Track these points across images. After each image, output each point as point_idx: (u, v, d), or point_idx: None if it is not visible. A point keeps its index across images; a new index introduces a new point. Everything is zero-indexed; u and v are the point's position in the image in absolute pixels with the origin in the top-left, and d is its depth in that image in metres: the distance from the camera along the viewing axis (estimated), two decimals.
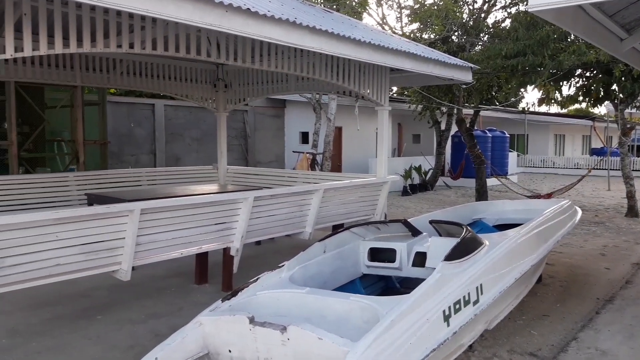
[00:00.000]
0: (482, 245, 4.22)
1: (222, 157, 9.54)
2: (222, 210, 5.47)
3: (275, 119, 18.50)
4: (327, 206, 6.98)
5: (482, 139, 19.04)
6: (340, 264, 4.69)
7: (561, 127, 29.51)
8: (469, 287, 3.72)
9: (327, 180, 8.12)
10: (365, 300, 3.43)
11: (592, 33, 5.01)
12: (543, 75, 10.46)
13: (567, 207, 6.37)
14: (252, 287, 3.82)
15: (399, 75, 8.11)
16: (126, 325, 4.65)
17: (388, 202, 14.57)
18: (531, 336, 4.66)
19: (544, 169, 26.80)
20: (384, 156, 7.81)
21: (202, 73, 9.04)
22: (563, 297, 5.78)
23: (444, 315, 3.40)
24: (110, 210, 4.43)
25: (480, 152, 13.96)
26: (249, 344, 3.21)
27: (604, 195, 16.05)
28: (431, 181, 18.00)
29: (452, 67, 7.59)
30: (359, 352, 2.76)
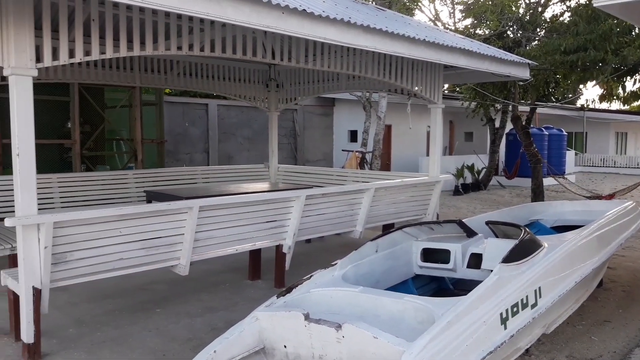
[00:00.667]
0: (541, 247, 4.10)
1: (274, 156, 9.67)
2: (275, 209, 5.56)
3: (324, 117, 18.60)
4: (378, 205, 6.95)
5: (538, 137, 18.41)
6: (392, 264, 4.67)
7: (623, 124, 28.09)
8: (527, 290, 3.63)
9: (376, 179, 8.10)
10: (419, 300, 3.40)
11: None
12: (606, 71, 9.99)
13: (630, 209, 6.09)
14: (305, 285, 3.87)
15: (452, 72, 7.97)
16: (184, 318, 4.82)
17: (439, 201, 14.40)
18: (591, 342, 4.49)
19: (604, 168, 25.60)
20: (437, 155, 7.70)
21: (255, 73, 9.20)
22: (626, 303, 5.54)
23: (501, 318, 3.33)
24: (170, 208, 4.60)
25: (537, 151, 13.51)
26: (304, 341, 3.26)
27: None
28: (484, 180, 17.57)
29: (508, 63, 7.39)
30: (414, 352, 2.74)
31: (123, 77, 7.65)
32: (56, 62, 3.94)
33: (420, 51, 5.96)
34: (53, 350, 4.07)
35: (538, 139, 18.23)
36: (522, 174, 16.47)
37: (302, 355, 3.30)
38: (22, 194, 3.79)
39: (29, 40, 3.75)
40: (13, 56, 3.70)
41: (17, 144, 3.78)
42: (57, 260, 3.96)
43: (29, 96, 3.79)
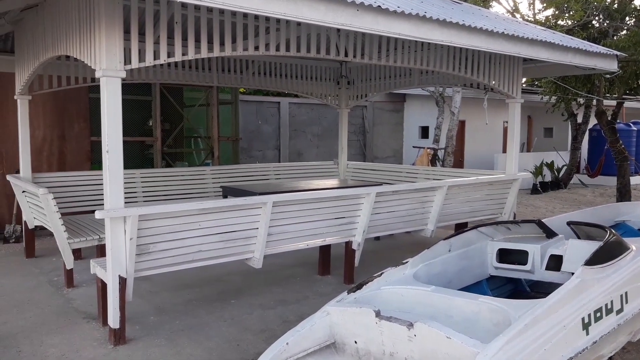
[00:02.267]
0: (629, 250, 3.86)
1: (343, 153, 9.73)
2: (346, 205, 5.60)
3: (393, 113, 18.41)
4: (451, 204, 6.82)
5: (625, 132, 17.22)
6: (465, 264, 4.57)
7: None
8: (612, 294, 3.43)
9: (449, 176, 7.93)
10: (495, 302, 3.31)
11: None
12: None
13: None
14: (376, 282, 3.87)
15: (532, 66, 7.65)
16: (257, 309, 4.97)
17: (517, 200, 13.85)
18: None
19: None
20: (515, 151, 7.41)
21: (326, 71, 9.28)
22: None
23: (583, 323, 3.17)
24: (246, 203, 4.76)
25: (624, 147, 12.65)
26: (374, 337, 3.26)
27: None
28: (565, 179, 16.68)
29: (594, 55, 6.97)
30: (490, 354, 2.67)
31: (201, 77, 7.99)
32: (142, 64, 4.19)
33: (499, 44, 5.76)
34: (136, 336, 4.34)
35: (625, 135, 17.06)
36: (606, 172, 15.51)
37: (372, 352, 3.31)
38: (110, 189, 4.06)
39: (118, 43, 4.01)
40: (104, 59, 3.97)
41: (107, 142, 4.05)
42: (141, 251, 4.21)
43: (118, 96, 4.06)
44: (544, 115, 17.91)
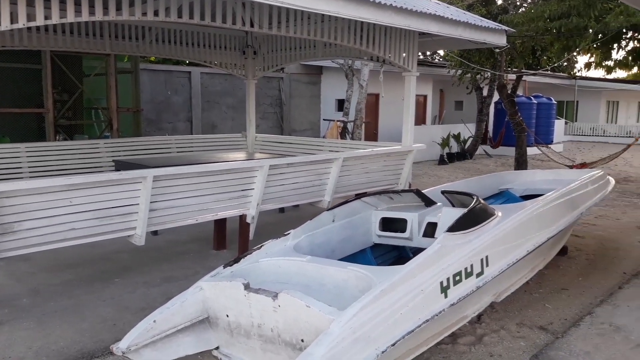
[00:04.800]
0: (493, 216, 4.09)
1: (251, 125, 9.59)
2: (238, 178, 5.51)
3: (311, 86, 18.37)
4: (349, 175, 6.92)
5: (526, 105, 18.30)
6: (350, 233, 4.66)
7: (615, 93, 27.87)
8: (472, 258, 3.62)
9: (352, 148, 8.04)
10: (362, 269, 3.40)
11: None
12: (587, 38, 9.84)
13: (597, 177, 6.07)
14: (255, 254, 3.86)
15: (429, 39, 7.80)
16: (141, 288, 4.83)
17: (422, 171, 14.40)
18: (545, 310, 4.53)
19: (594, 137, 25.54)
20: (410, 124, 7.63)
21: (231, 40, 9.02)
22: (587, 271, 5.57)
23: (442, 287, 3.34)
24: (122, 177, 4.54)
25: (522, 120, 13.42)
26: (244, 310, 3.26)
27: None
28: (470, 150, 17.53)
29: (483, 30, 7.24)
30: (343, 321, 2.75)
31: (93, 45, 7.48)
32: (16, 25, 3.83)
33: (388, 17, 5.81)
34: (2, 320, 4.08)
35: (526, 108, 18.14)
36: (507, 143, 16.42)
37: (242, 324, 3.31)
38: None
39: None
40: None
41: None
42: (4, 230, 3.92)
43: None
44: (455, 89, 18.57)
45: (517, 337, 4.00)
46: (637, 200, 9.55)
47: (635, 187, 11.09)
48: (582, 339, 3.89)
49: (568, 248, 6.18)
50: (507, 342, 3.90)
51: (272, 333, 3.14)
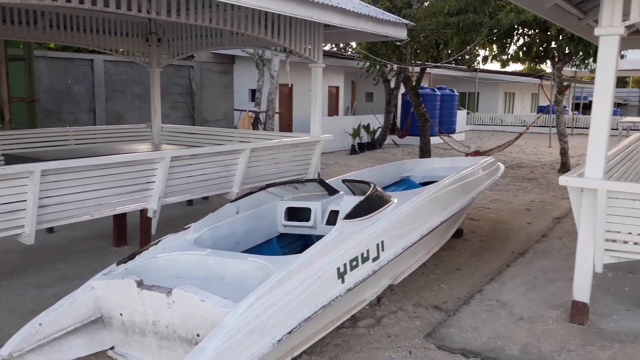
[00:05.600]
0: (389, 202, 4.26)
1: (156, 115, 9.26)
2: (138, 171, 5.30)
3: (223, 75, 18.00)
4: (258, 166, 6.89)
5: (431, 97, 19.15)
6: (255, 224, 4.66)
7: (511, 85, 29.98)
8: (368, 244, 3.76)
9: (262, 139, 8.01)
10: (261, 260, 3.42)
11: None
12: (482, 33, 10.47)
13: (489, 164, 6.51)
14: (152, 250, 3.75)
15: (334, 32, 7.93)
16: (32, 289, 4.53)
17: (334, 160, 14.67)
18: (440, 290, 4.80)
19: (493, 126, 27.35)
20: (318, 115, 7.71)
21: (134, 26, 8.62)
22: (480, 252, 5.97)
23: (339, 273, 3.44)
24: (6, 172, 4.22)
25: (425, 111, 14.05)
26: (137, 307, 3.17)
27: (543, 152, 16.55)
28: (380, 140, 18.09)
29: (385, 23, 7.47)
30: (237, 313, 2.76)
31: None
32: None
33: (290, 7, 5.82)
34: None
35: (431, 99, 18.98)
36: (413, 133, 17.11)
37: (137, 322, 3.21)
38: None
39: None
40: None
41: None
42: None
43: None
44: (366, 81, 19.04)
45: (413, 317, 4.21)
46: (527, 185, 10.36)
47: (527, 172, 12.02)
48: (471, 316, 4.17)
49: (463, 231, 6.59)
50: (403, 323, 4.10)
51: (167, 330, 3.08)
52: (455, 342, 3.72)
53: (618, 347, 3.60)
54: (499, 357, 3.51)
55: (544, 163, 13.72)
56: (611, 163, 5.17)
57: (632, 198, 3.62)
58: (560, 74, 11.68)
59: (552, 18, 6.08)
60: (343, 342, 3.77)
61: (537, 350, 3.59)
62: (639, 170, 6.33)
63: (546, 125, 19.86)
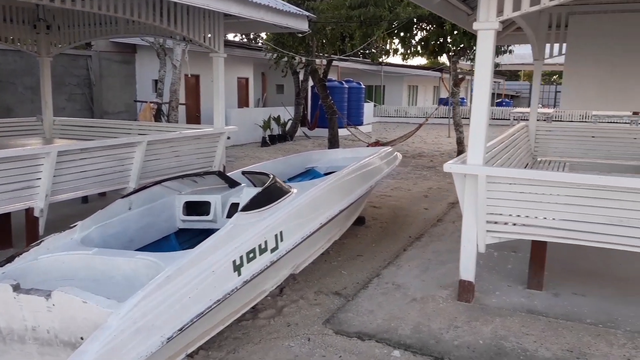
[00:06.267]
0: (288, 193, 4.28)
1: (48, 108, 8.66)
2: (20, 168, 4.92)
3: (124, 65, 17.11)
4: (157, 159, 6.65)
5: (338, 89, 19.50)
6: (150, 221, 4.49)
7: (414, 78, 31.30)
8: (266, 235, 3.76)
9: (162, 131, 7.74)
10: (150, 257, 3.30)
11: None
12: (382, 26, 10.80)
13: (387, 153, 6.75)
14: (33, 252, 3.50)
15: (235, 21, 7.81)
16: None
17: (244, 153, 14.53)
18: (341, 276, 4.92)
19: (398, 118, 28.43)
20: (221, 106, 7.58)
21: (20, 12, 7.95)
22: (380, 238, 6.19)
23: (235, 265, 3.41)
24: None
25: (333, 103, 14.29)
26: (15, 313, 2.94)
27: (443, 142, 17.47)
28: (291, 132, 18.15)
29: (285, 14, 7.47)
30: (122, 313, 2.64)
31: None
32: None
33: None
34: None
35: (339, 92, 19.34)
36: (322, 125, 17.35)
37: (15, 329, 2.98)
38: None
39: None
40: None
41: None
42: None
43: None
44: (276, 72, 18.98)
45: (313, 304, 4.28)
46: (426, 173, 10.88)
47: (427, 161, 12.63)
48: (368, 299, 4.32)
49: (365, 218, 6.80)
50: (304, 311, 4.16)
51: (48, 335, 2.89)
52: (352, 326, 3.83)
53: (499, 321, 3.89)
54: (392, 337, 3.67)
55: (442, 152, 14.48)
56: (496, 150, 5.56)
57: (508, 182, 3.92)
58: (455, 67, 12.36)
59: (442, 13, 6.41)
60: (242, 335, 3.76)
61: (427, 328, 3.79)
62: (521, 157, 6.87)
63: (446, 117, 20.95)
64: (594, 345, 3.52)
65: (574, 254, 5.10)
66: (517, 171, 4.18)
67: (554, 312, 4.03)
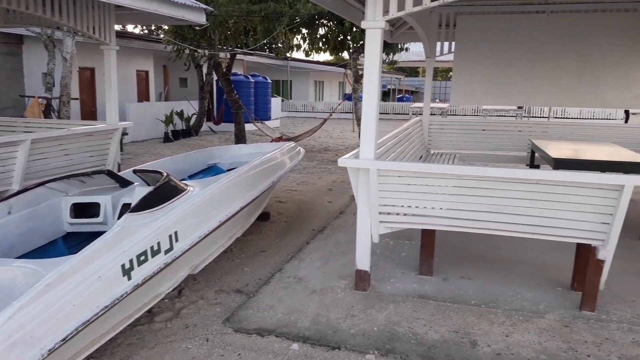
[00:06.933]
0: (183, 192, 4.17)
1: None
2: None
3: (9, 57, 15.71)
4: (45, 158, 6.22)
5: (245, 84, 19.30)
6: (34, 225, 4.19)
7: (320, 74, 31.73)
8: (159, 236, 3.64)
9: (51, 128, 7.22)
10: (30, 264, 3.07)
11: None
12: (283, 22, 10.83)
13: (290, 148, 6.79)
14: None
15: (128, 13, 7.45)
16: None
17: (145, 149, 13.94)
18: (243, 273, 4.90)
19: (306, 113, 28.71)
20: (114, 101, 7.23)
21: None
22: (284, 232, 6.23)
23: (124, 269, 3.26)
24: None
25: (238, 97, 14.10)
26: None
27: (347, 137, 17.91)
28: (196, 127, 17.68)
29: (181, 6, 7.26)
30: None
31: None
32: None
33: None
34: None
35: (245, 86, 19.14)
36: (228, 120, 17.11)
37: None
38: None
39: None
40: None
41: None
42: None
43: None
44: (179, 66, 18.35)
45: (214, 304, 4.22)
46: (331, 167, 11.10)
47: (332, 155, 12.88)
48: (269, 294, 4.33)
49: (270, 213, 6.81)
50: (203, 311, 4.08)
51: None
52: (252, 323, 3.83)
53: (392, 307, 4.07)
54: (292, 331, 3.71)
55: (347, 146, 14.85)
56: (391, 144, 5.80)
57: (397, 175, 4.10)
58: (356, 64, 12.68)
59: (338, 11, 6.54)
60: (137, 340, 3.62)
61: (325, 319, 3.88)
62: (415, 150, 7.22)
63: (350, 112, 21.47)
64: (477, 325, 3.80)
65: (462, 240, 5.46)
66: (405, 164, 4.39)
67: (442, 296, 4.29)
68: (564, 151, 6.15)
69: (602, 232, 3.80)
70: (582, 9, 7.29)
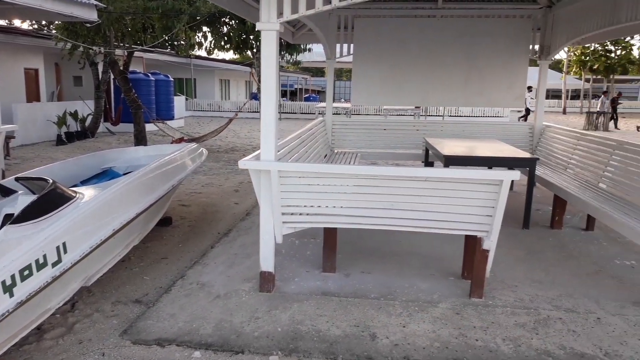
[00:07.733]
0: (72, 199, 3.94)
1: None
2: None
3: None
4: None
5: (144, 82, 18.55)
6: None
7: (225, 72, 31.24)
8: (45, 248, 3.40)
9: None
10: None
11: None
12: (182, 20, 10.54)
13: (191, 150, 6.63)
14: None
15: (10, 7, 6.86)
16: None
17: (35, 153, 12.95)
18: (142, 282, 4.71)
19: (212, 112, 28.15)
20: None
21: None
22: (188, 237, 6.08)
23: (5, 286, 3.02)
24: None
25: (137, 97, 13.51)
26: None
27: (255, 136, 17.82)
28: (92, 128, 16.70)
29: (70, 3, 6.82)
30: None
31: None
32: None
33: None
34: None
35: (145, 85, 18.40)
36: (126, 120, 16.34)
37: None
38: None
39: None
40: None
41: None
42: None
43: None
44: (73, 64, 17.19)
45: (110, 316, 4.03)
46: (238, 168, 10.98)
47: (239, 155, 12.74)
48: (170, 303, 4.20)
49: (172, 218, 6.61)
50: (99, 325, 3.88)
51: None
52: (152, 334, 3.70)
53: (296, 306, 4.12)
54: (194, 338, 3.64)
55: (255, 146, 14.76)
56: (294, 144, 5.86)
57: (298, 176, 4.16)
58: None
59: (237, 11, 6.49)
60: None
61: (229, 324, 3.84)
62: (319, 150, 7.35)
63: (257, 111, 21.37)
64: (377, 318, 3.95)
65: (363, 237, 5.64)
66: (305, 165, 4.46)
67: (344, 291, 4.41)
68: (453, 148, 6.56)
69: (486, 224, 4.11)
70: (468, 14, 7.83)
